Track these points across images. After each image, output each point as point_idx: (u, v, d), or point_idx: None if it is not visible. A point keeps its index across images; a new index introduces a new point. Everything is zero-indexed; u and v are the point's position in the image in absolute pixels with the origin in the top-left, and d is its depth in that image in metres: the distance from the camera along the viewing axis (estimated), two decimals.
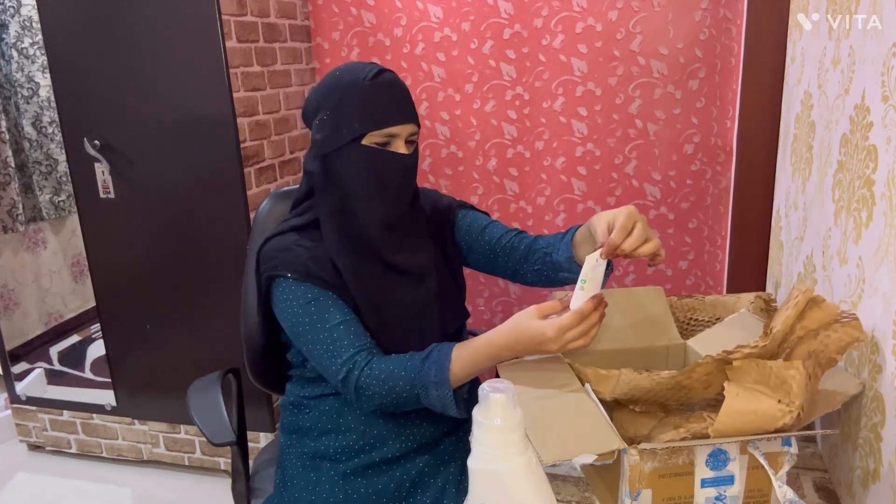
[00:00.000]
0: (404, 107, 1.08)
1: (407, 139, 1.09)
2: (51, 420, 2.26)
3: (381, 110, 1.06)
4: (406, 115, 1.08)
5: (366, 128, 1.05)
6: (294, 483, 1.15)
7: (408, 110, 1.08)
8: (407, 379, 1.00)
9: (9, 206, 2.49)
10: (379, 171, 1.08)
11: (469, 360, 0.98)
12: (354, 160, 1.07)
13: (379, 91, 1.06)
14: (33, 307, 2.66)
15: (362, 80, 1.05)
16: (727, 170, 1.96)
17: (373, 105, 1.05)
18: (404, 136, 1.08)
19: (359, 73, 1.06)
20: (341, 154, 1.07)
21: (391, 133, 1.06)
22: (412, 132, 1.09)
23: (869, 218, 0.83)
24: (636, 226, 0.91)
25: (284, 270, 1.07)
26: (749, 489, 0.79)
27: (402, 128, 1.07)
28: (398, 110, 1.07)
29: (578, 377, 0.89)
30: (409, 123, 1.08)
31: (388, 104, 1.06)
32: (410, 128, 1.08)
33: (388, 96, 1.06)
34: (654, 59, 1.88)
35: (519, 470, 0.63)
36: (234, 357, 1.41)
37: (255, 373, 1.35)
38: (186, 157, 1.85)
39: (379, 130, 1.06)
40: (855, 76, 0.90)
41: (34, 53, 2.48)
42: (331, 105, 1.07)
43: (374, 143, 1.06)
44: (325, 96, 1.08)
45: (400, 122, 1.06)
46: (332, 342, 1.04)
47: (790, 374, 0.72)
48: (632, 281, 2.10)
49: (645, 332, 1.02)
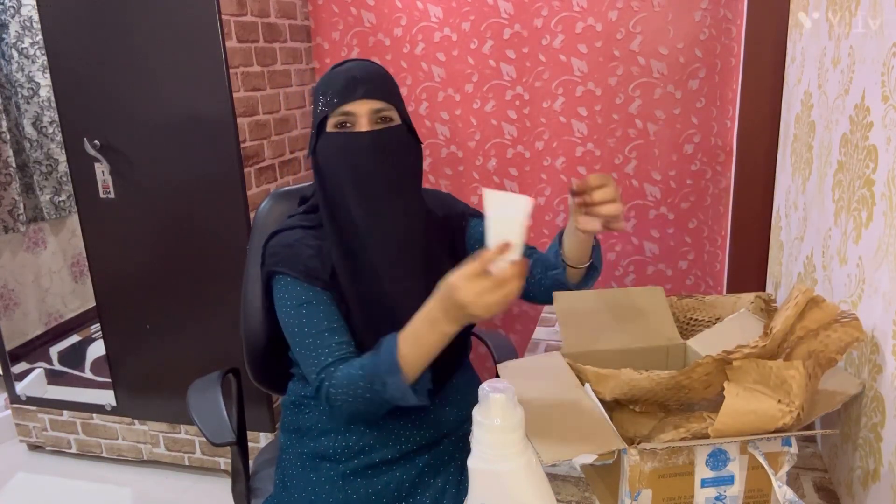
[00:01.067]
0: (360, 84, 1.04)
1: (374, 118, 1.05)
2: (51, 420, 2.26)
3: (334, 92, 1.04)
4: (360, 92, 1.03)
5: (324, 112, 1.05)
6: (294, 483, 1.15)
7: (364, 86, 1.04)
8: (365, 378, 0.97)
9: (9, 206, 2.49)
10: (340, 153, 1.06)
11: (413, 338, 0.93)
12: (323, 151, 1.08)
13: (335, 76, 1.06)
14: (33, 307, 2.66)
15: (327, 73, 1.08)
16: (727, 170, 1.96)
17: (328, 89, 1.05)
18: (366, 115, 1.04)
19: (330, 68, 1.09)
20: (319, 148, 1.08)
21: (346, 111, 1.04)
22: (376, 108, 1.05)
23: (869, 218, 0.83)
24: (610, 184, 0.95)
25: (284, 268, 1.07)
26: (749, 489, 0.79)
27: (359, 104, 1.04)
28: (352, 88, 1.04)
29: (578, 377, 0.89)
30: (365, 99, 1.04)
31: (340, 85, 1.04)
32: (371, 104, 1.04)
33: (343, 77, 1.05)
34: (654, 59, 1.88)
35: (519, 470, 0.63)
36: (234, 357, 1.41)
37: (255, 373, 1.35)
38: (186, 157, 1.85)
39: (334, 112, 1.04)
40: (855, 76, 0.90)
41: (34, 53, 2.48)
42: (313, 110, 1.10)
43: (334, 127, 1.06)
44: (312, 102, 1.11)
45: (351, 99, 1.03)
46: (314, 349, 1.04)
47: (790, 374, 0.72)
48: (632, 281, 2.10)
49: (645, 332, 1.02)
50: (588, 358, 0.93)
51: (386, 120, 1.06)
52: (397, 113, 1.08)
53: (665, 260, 2.06)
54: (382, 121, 1.06)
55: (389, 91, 1.08)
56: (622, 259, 2.08)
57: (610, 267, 2.09)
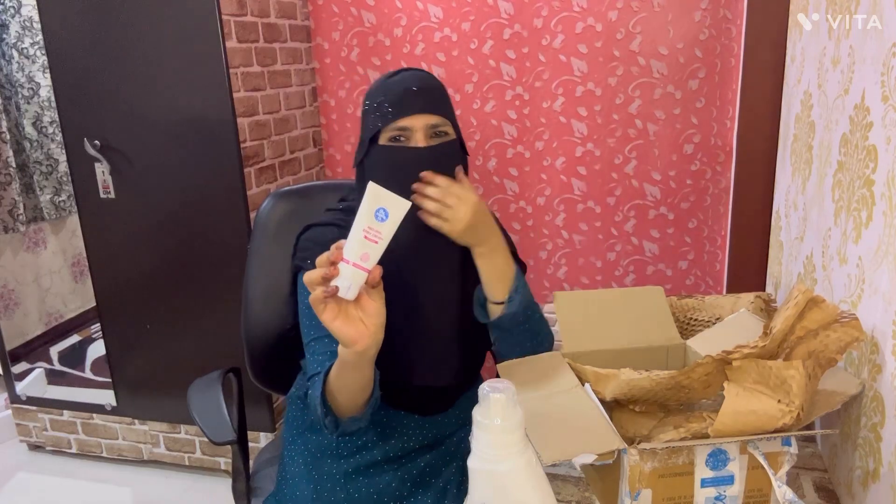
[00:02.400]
0: (417, 98, 1.02)
1: (430, 133, 1.02)
2: (51, 420, 2.26)
3: (389, 104, 1.02)
4: (418, 106, 1.01)
5: (376, 125, 1.03)
6: (295, 481, 1.15)
7: (421, 101, 1.02)
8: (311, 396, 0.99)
9: (9, 206, 2.49)
10: (394, 167, 1.02)
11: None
12: (374, 163, 1.05)
13: (390, 87, 1.03)
14: (33, 307, 2.66)
15: (380, 82, 1.05)
16: (727, 170, 1.96)
17: (384, 102, 1.03)
18: (422, 129, 1.02)
19: (382, 76, 1.06)
20: (368, 160, 1.06)
21: (402, 126, 1.01)
22: (432, 123, 1.02)
23: (869, 218, 0.83)
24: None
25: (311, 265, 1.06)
26: (749, 489, 0.79)
27: (415, 119, 1.01)
28: (408, 102, 1.02)
29: (578, 377, 0.89)
30: (422, 114, 1.01)
31: (396, 98, 1.02)
32: (427, 118, 1.02)
33: (399, 90, 1.02)
34: (654, 59, 1.88)
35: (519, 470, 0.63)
36: (235, 357, 1.41)
37: (256, 372, 1.36)
38: (186, 157, 1.85)
39: (389, 125, 1.02)
40: (855, 76, 0.90)
41: (34, 53, 2.48)
42: (362, 116, 1.08)
43: (388, 140, 1.03)
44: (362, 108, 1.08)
45: (408, 114, 1.01)
46: (312, 352, 1.04)
47: (790, 374, 0.72)
48: (632, 281, 2.10)
49: (645, 332, 1.02)
50: (588, 358, 0.93)
51: (441, 134, 1.04)
52: (452, 127, 1.05)
53: (665, 260, 2.06)
54: (437, 135, 1.03)
55: (445, 105, 1.06)
56: (622, 259, 2.08)
57: (610, 267, 2.10)
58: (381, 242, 0.81)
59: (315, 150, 2.20)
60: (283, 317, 1.31)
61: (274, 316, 1.32)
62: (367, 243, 0.81)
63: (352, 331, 0.83)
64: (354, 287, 0.81)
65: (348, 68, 2.12)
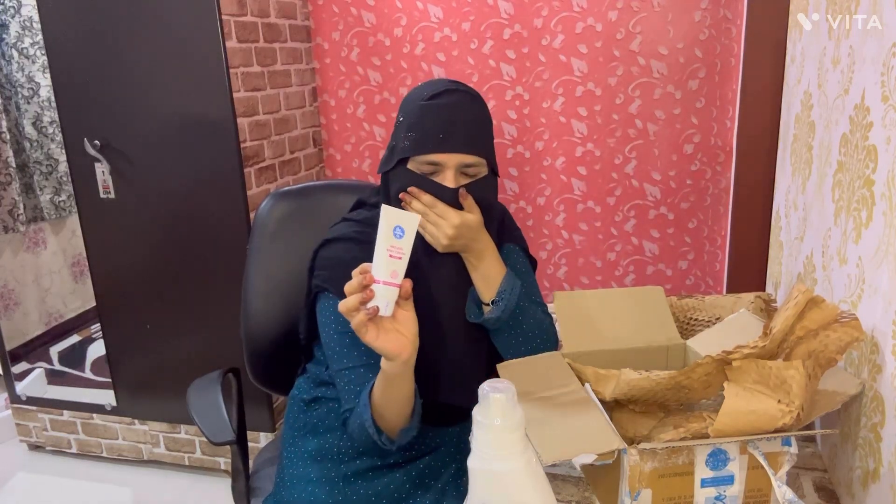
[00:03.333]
0: (456, 134, 0.98)
1: (460, 170, 1.00)
2: (51, 420, 2.26)
3: (425, 135, 0.99)
4: (453, 144, 0.98)
5: (408, 151, 1.01)
6: (294, 483, 1.14)
7: (457, 138, 0.98)
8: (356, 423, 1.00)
9: (9, 206, 2.49)
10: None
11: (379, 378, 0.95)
12: (398, 181, 1.03)
13: (428, 113, 1.00)
14: (33, 307, 2.65)
15: (419, 100, 1.01)
16: (727, 170, 1.96)
17: (420, 128, 0.99)
18: (454, 168, 0.99)
19: (423, 92, 1.03)
20: (394, 174, 1.04)
21: (434, 161, 0.99)
22: (465, 163, 1.00)
23: (869, 218, 0.83)
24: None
25: (332, 287, 1.05)
26: (749, 489, 0.79)
27: (447, 157, 0.98)
28: (442, 137, 0.98)
29: (578, 377, 0.89)
30: (456, 153, 0.99)
31: (432, 129, 0.98)
32: (462, 158, 0.99)
33: (436, 120, 0.99)
34: (654, 59, 1.88)
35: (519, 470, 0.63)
36: (234, 357, 1.41)
37: (256, 372, 1.36)
38: (186, 157, 1.85)
39: (420, 157, 1.00)
40: (855, 76, 0.90)
41: (34, 53, 2.48)
42: (396, 122, 1.06)
43: (419, 168, 1.01)
44: (398, 112, 1.06)
45: (441, 151, 0.98)
46: (348, 382, 1.04)
47: (790, 374, 0.72)
48: (632, 281, 2.10)
49: (645, 332, 1.02)
50: (588, 358, 0.93)
51: (471, 174, 1.02)
52: (487, 166, 1.03)
53: (665, 260, 2.06)
54: (468, 174, 1.01)
55: (484, 142, 1.02)
56: (622, 259, 2.08)
57: (610, 267, 2.10)
58: (405, 257, 0.88)
59: (315, 150, 2.20)
60: (283, 317, 1.31)
61: (273, 316, 1.32)
62: (393, 261, 0.87)
63: (395, 344, 0.89)
64: (391, 303, 0.88)
65: (348, 68, 2.12)
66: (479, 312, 1.07)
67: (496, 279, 1.05)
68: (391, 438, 0.99)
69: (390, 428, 0.98)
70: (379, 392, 0.96)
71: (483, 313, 1.07)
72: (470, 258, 1.05)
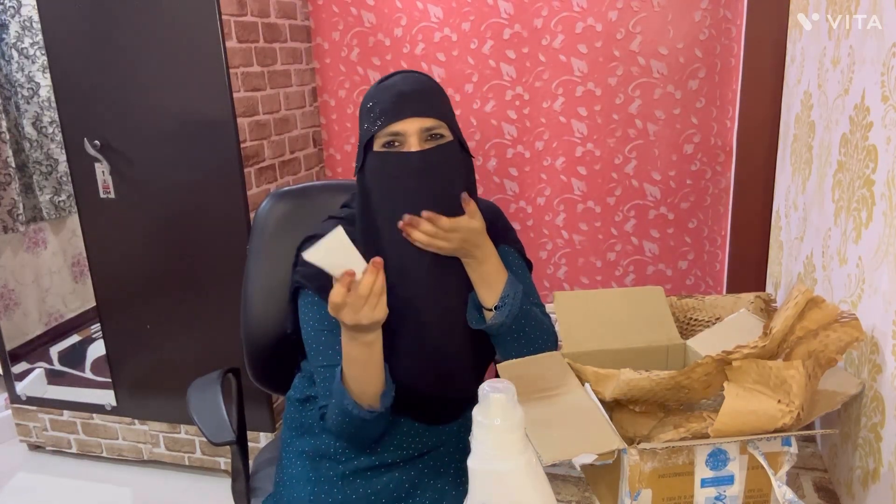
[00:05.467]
0: (408, 102, 0.99)
1: (424, 136, 1.00)
2: (51, 420, 2.26)
3: (381, 109, 1.00)
4: (410, 110, 0.99)
5: (369, 132, 1.01)
6: (293, 482, 1.15)
7: (413, 104, 0.99)
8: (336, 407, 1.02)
9: (9, 206, 2.49)
10: (389, 173, 1.01)
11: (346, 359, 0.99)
12: (371, 171, 1.04)
13: (382, 91, 1.02)
14: (33, 307, 2.65)
15: (374, 86, 1.04)
16: (727, 170, 1.96)
17: (376, 107, 1.01)
18: (415, 133, 0.99)
19: (378, 80, 1.05)
20: (367, 167, 1.04)
21: (395, 131, 0.99)
22: (426, 127, 1.00)
23: (869, 218, 0.83)
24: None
25: (311, 284, 1.06)
26: (749, 489, 0.79)
27: (407, 123, 0.99)
28: (399, 106, 0.99)
29: (578, 377, 0.89)
30: (415, 118, 0.99)
31: (388, 103, 1.00)
32: (421, 122, 0.99)
33: (391, 94, 1.00)
34: (654, 59, 1.88)
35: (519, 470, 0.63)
36: (234, 357, 1.41)
37: (256, 372, 1.36)
38: (186, 157, 1.85)
39: (382, 131, 1.00)
40: (855, 76, 0.90)
41: (34, 53, 2.48)
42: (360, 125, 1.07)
43: (382, 146, 1.01)
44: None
45: (400, 118, 0.99)
46: (325, 380, 1.06)
47: (790, 374, 0.72)
48: (632, 281, 2.10)
49: (645, 332, 1.02)
50: (588, 358, 0.93)
51: (436, 137, 1.01)
52: (448, 129, 1.03)
53: (665, 260, 2.06)
54: (432, 138, 1.01)
55: (440, 106, 1.02)
56: (622, 259, 2.08)
57: (610, 267, 2.10)
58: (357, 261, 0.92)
59: (315, 150, 2.20)
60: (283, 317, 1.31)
61: (273, 316, 1.32)
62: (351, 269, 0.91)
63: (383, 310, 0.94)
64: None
65: (348, 68, 2.12)
66: (480, 318, 1.06)
67: (498, 284, 1.05)
68: (374, 408, 1.00)
69: (371, 401, 1.01)
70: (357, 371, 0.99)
71: (484, 318, 1.06)
72: (471, 262, 1.04)
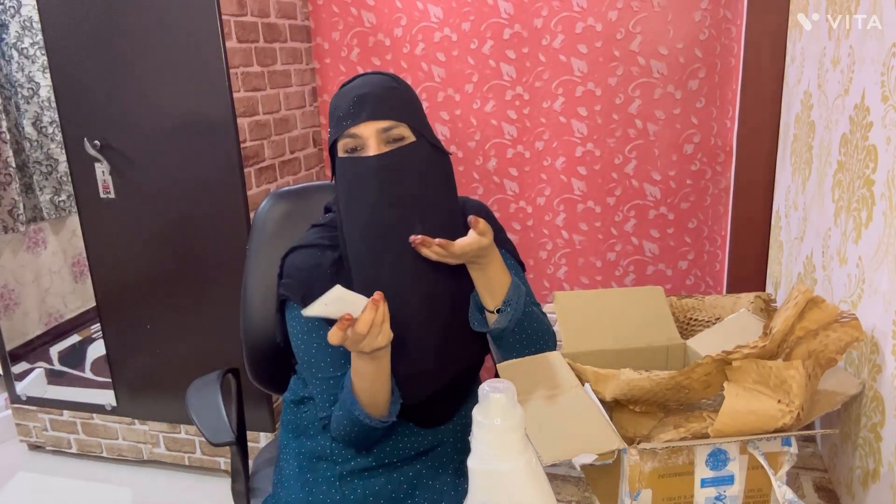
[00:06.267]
0: (365, 103, 0.97)
1: (383, 139, 0.98)
2: (51, 420, 2.26)
3: (339, 115, 1.00)
4: (366, 113, 0.97)
5: (331, 138, 1.02)
6: (291, 483, 1.14)
7: (369, 107, 0.97)
8: (343, 416, 1.02)
9: (9, 206, 2.49)
10: (349, 181, 1.00)
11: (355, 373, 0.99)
12: (337, 177, 1.04)
13: (343, 95, 1.01)
14: (33, 307, 2.66)
15: (338, 90, 1.04)
16: (727, 170, 1.96)
17: (337, 111, 1.01)
18: (373, 136, 0.97)
19: (342, 84, 1.05)
20: (337, 174, 1.05)
21: (353, 134, 0.98)
22: (383, 128, 0.98)
23: (869, 218, 0.83)
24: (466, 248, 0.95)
25: (296, 295, 1.05)
26: (749, 489, 0.79)
27: (362, 128, 0.97)
28: (356, 109, 0.97)
29: (578, 377, 0.89)
30: (371, 121, 0.97)
31: (346, 106, 0.99)
32: (376, 125, 0.97)
33: (349, 97, 0.99)
34: (654, 59, 1.88)
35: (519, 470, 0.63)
36: (234, 357, 1.41)
37: (255, 373, 1.35)
38: (186, 157, 1.85)
39: (342, 136, 0.99)
40: (855, 76, 0.90)
41: (34, 53, 2.48)
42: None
43: (345, 151, 1.00)
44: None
45: (357, 122, 0.97)
46: (322, 391, 1.07)
47: (790, 374, 0.72)
48: (632, 281, 2.10)
49: (645, 332, 1.02)
50: (588, 358, 0.93)
51: (397, 139, 0.99)
52: (409, 129, 1.00)
53: (665, 260, 2.06)
54: (393, 140, 0.99)
55: (398, 107, 1.00)
56: (622, 259, 2.08)
57: (610, 267, 2.10)
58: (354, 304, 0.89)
59: (315, 150, 2.20)
60: None
61: (273, 316, 1.31)
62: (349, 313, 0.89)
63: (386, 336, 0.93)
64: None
65: (348, 68, 2.12)
66: (482, 319, 1.06)
67: (502, 288, 1.03)
68: (385, 418, 1.01)
69: (380, 410, 1.01)
70: (367, 383, 0.98)
71: (486, 320, 1.06)
72: (475, 267, 1.03)
